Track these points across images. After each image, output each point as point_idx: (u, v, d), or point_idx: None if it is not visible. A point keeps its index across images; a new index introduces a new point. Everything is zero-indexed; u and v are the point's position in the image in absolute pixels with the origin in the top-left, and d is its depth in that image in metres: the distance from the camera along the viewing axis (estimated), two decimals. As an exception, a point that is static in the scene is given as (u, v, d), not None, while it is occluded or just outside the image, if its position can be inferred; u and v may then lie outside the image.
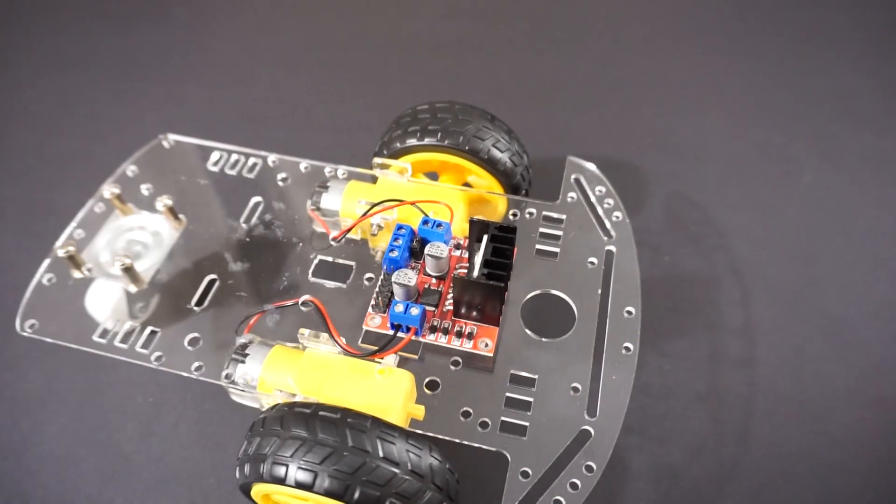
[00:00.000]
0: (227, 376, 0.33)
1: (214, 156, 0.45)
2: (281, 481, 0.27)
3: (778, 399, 0.42)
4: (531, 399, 0.34)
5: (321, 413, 0.28)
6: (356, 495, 0.26)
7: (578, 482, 0.31)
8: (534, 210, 0.41)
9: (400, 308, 0.34)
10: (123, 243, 0.41)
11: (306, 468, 0.26)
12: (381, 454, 0.26)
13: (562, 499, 0.30)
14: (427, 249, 0.35)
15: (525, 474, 0.31)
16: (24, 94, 0.62)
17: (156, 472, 0.39)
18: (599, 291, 0.38)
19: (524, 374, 0.35)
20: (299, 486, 0.26)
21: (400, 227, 0.37)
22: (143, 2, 0.71)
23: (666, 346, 0.44)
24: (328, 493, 0.26)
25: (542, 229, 0.40)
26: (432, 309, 0.35)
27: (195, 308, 0.38)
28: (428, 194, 0.40)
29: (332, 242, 0.40)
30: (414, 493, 0.27)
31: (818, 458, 0.40)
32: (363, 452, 0.26)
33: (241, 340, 0.35)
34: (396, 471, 0.26)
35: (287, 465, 0.26)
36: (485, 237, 0.35)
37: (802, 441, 0.40)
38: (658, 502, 0.38)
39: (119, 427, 0.41)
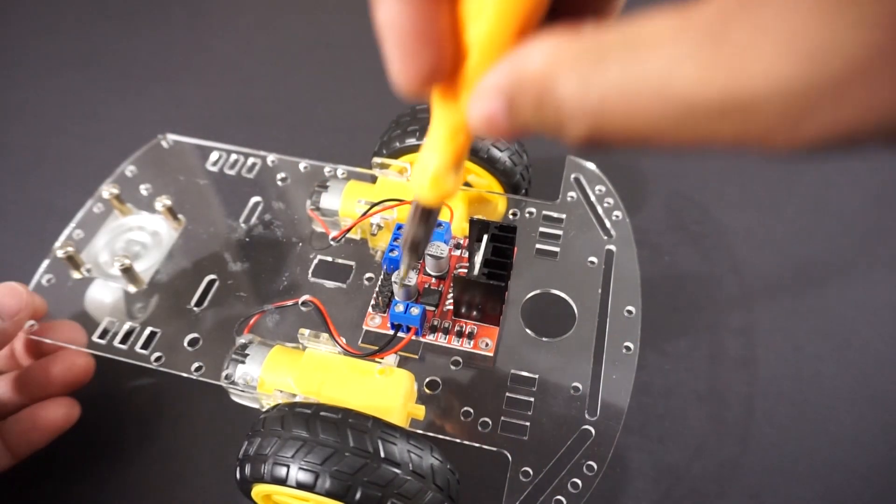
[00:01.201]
0: (226, 377, 0.33)
1: (213, 156, 0.45)
2: (282, 482, 0.26)
3: (778, 399, 0.42)
4: (531, 399, 0.34)
5: (322, 413, 0.28)
6: (357, 496, 0.26)
7: (579, 482, 0.31)
8: (534, 209, 0.41)
9: (400, 308, 0.34)
10: (122, 244, 0.41)
11: (308, 469, 0.26)
12: (382, 455, 0.26)
13: (563, 498, 0.30)
14: (427, 249, 0.35)
15: (526, 474, 0.31)
16: (24, 94, 0.62)
17: (155, 473, 0.39)
18: (599, 291, 0.38)
19: (524, 373, 0.35)
20: (300, 486, 0.26)
21: (400, 227, 0.37)
22: (143, 2, 0.71)
23: (666, 345, 0.44)
24: (329, 494, 0.26)
25: (541, 228, 0.40)
26: (432, 309, 0.35)
27: (195, 308, 0.38)
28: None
29: (332, 242, 0.40)
30: (415, 494, 0.27)
31: (818, 458, 0.39)
32: (365, 453, 0.26)
33: (240, 341, 0.34)
34: (398, 471, 0.26)
35: (288, 466, 0.26)
36: (485, 237, 0.35)
37: (802, 441, 0.40)
38: (658, 502, 0.38)
39: (119, 427, 0.41)
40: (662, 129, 0.13)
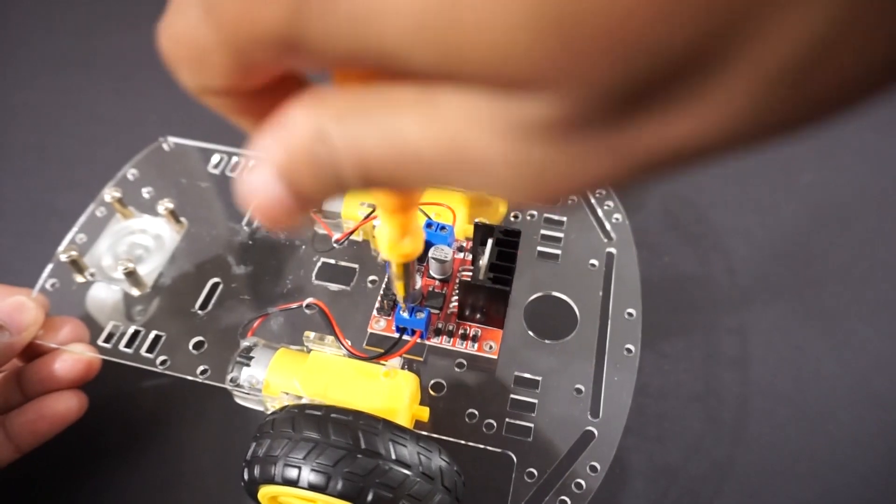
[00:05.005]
0: (232, 380, 0.33)
1: (215, 158, 0.45)
2: (293, 483, 0.27)
3: (776, 399, 0.42)
4: (535, 400, 0.34)
5: (333, 415, 0.28)
6: (369, 497, 0.26)
7: (583, 482, 0.31)
8: (535, 212, 0.42)
9: (405, 311, 0.34)
10: (125, 247, 0.41)
11: (320, 470, 0.26)
12: (393, 456, 0.27)
13: (567, 499, 0.31)
14: (431, 252, 0.35)
15: (530, 475, 0.31)
16: (24, 95, 0.62)
17: (159, 474, 0.39)
18: (600, 293, 0.38)
19: (528, 375, 0.35)
20: (312, 488, 0.26)
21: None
22: (143, 2, 0.71)
23: (664, 346, 0.45)
24: (341, 496, 0.26)
25: (543, 231, 0.41)
26: (437, 312, 0.36)
27: (199, 311, 0.38)
28: (429, 196, 0.40)
29: (335, 245, 0.40)
30: (425, 496, 0.27)
31: (817, 458, 0.40)
32: (376, 455, 0.26)
33: (245, 344, 0.35)
34: (409, 473, 0.27)
35: (300, 468, 0.26)
36: (489, 241, 0.35)
37: (801, 441, 0.41)
38: (656, 501, 0.38)
39: (119, 429, 0.41)
40: (416, 174, 0.14)
